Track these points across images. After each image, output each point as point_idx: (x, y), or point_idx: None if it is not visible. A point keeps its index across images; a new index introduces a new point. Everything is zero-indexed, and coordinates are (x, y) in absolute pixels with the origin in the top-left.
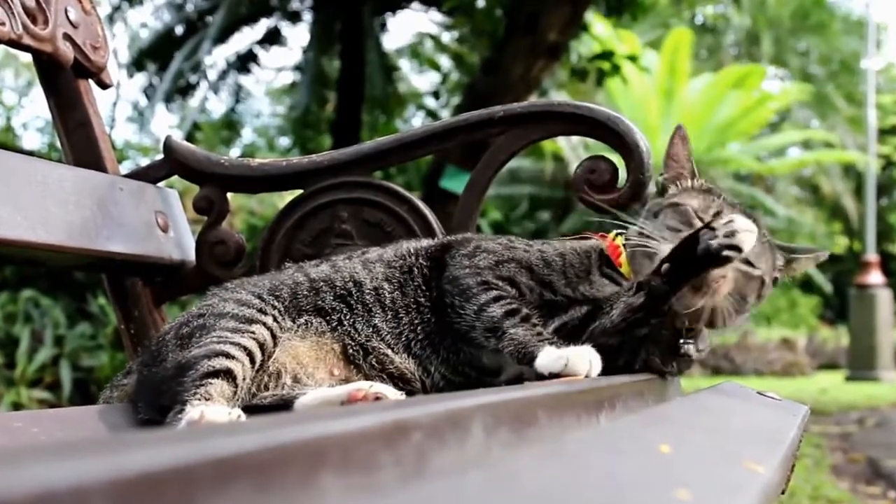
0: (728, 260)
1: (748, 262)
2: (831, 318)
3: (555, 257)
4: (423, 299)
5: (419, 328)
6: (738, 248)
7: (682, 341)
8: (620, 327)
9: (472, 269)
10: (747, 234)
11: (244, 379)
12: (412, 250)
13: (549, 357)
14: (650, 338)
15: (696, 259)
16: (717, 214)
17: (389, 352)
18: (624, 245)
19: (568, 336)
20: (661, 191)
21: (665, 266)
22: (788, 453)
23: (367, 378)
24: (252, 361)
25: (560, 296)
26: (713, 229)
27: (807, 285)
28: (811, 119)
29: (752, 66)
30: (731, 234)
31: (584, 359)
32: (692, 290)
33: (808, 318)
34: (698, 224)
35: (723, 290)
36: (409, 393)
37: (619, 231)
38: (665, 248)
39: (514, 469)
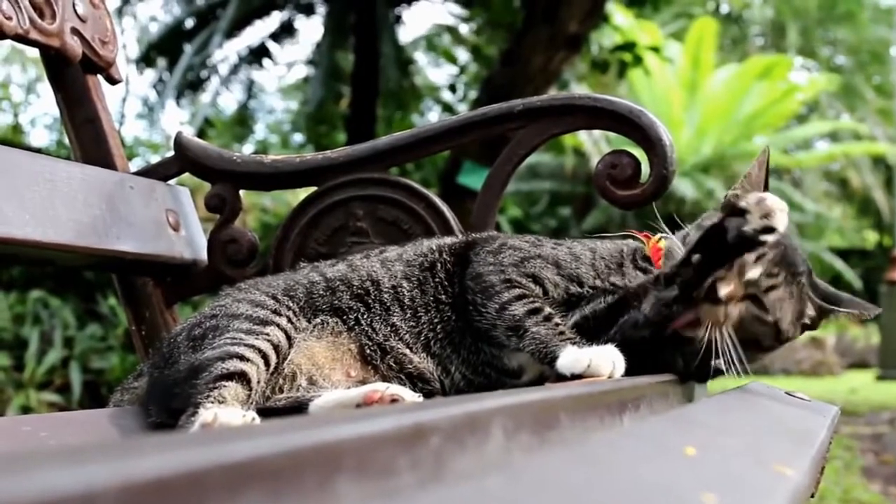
0: (762, 244)
1: (760, 305)
2: None
3: (584, 252)
4: (443, 296)
5: (439, 327)
6: (772, 230)
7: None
8: (655, 321)
9: (496, 267)
10: (781, 213)
11: (258, 382)
12: (435, 247)
13: (570, 357)
14: (681, 348)
15: (727, 245)
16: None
17: (408, 351)
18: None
19: (593, 328)
20: (725, 208)
21: (696, 256)
22: (818, 455)
23: (384, 379)
24: (266, 364)
25: (587, 288)
26: (743, 213)
27: (835, 282)
28: (840, 111)
29: (778, 56)
30: (766, 215)
31: (608, 359)
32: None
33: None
34: None
35: (730, 317)
36: (429, 394)
37: (664, 235)
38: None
39: (536, 473)
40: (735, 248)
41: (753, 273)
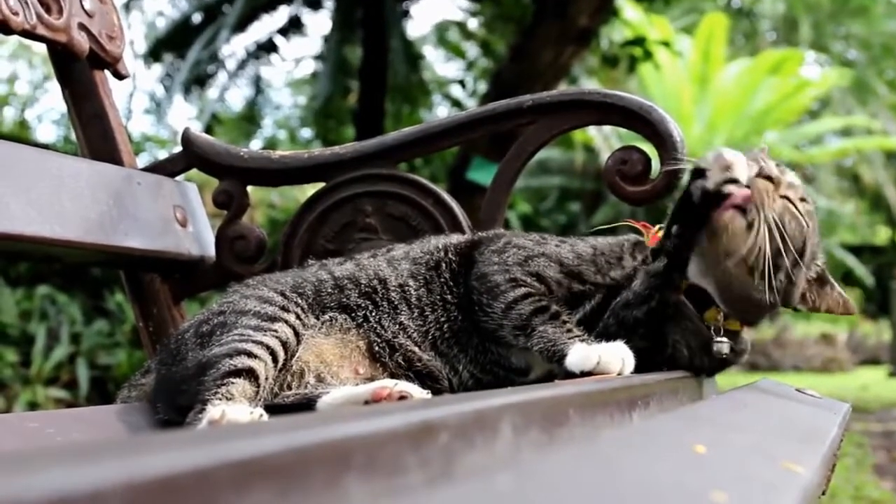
0: (726, 196)
1: (796, 209)
2: (873, 312)
3: (587, 248)
4: (449, 296)
5: (445, 326)
6: (734, 180)
7: (715, 339)
8: (644, 295)
9: (501, 266)
10: (739, 163)
11: (266, 379)
12: (440, 246)
13: (579, 354)
14: (682, 331)
15: (695, 207)
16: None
17: (416, 349)
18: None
19: (590, 320)
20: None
21: (675, 227)
22: (829, 453)
23: (392, 376)
24: (275, 361)
25: (589, 285)
26: (703, 173)
27: (847, 278)
28: (852, 106)
29: (789, 51)
30: (726, 167)
31: (617, 356)
32: (711, 236)
33: None
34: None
35: (776, 202)
36: (437, 392)
37: (663, 226)
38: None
39: (545, 470)
40: (704, 207)
41: (790, 177)
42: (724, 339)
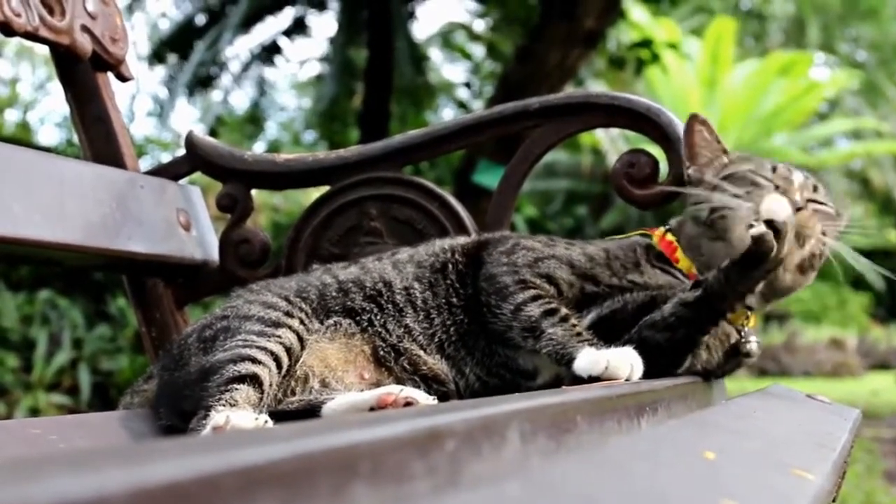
0: (771, 247)
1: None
2: (883, 317)
3: (598, 252)
4: (455, 299)
5: (452, 329)
6: (771, 222)
7: (745, 340)
8: (669, 322)
9: (510, 267)
10: (777, 203)
11: (270, 385)
12: (446, 247)
13: (588, 359)
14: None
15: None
16: (774, 169)
17: (422, 353)
18: (677, 238)
19: (618, 326)
20: (698, 182)
21: (726, 263)
22: (839, 459)
23: (398, 381)
24: (279, 367)
25: (604, 286)
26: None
27: (857, 282)
28: (861, 108)
29: (798, 53)
30: (766, 212)
31: (626, 361)
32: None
33: (858, 316)
34: (763, 182)
35: (813, 232)
36: (443, 395)
37: (667, 227)
38: (746, 206)
39: (553, 478)
40: (751, 257)
41: (798, 179)
42: (754, 339)
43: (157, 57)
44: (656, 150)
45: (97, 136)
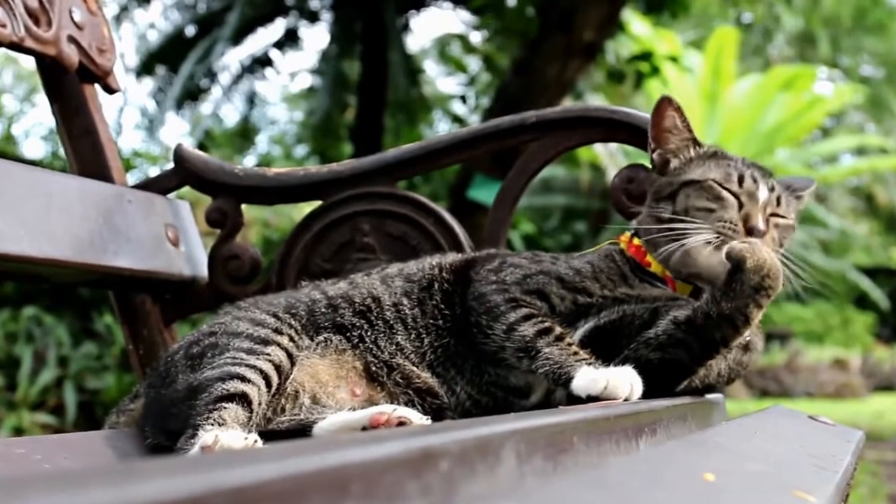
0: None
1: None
2: (887, 337)
3: (583, 265)
4: (441, 321)
5: (440, 350)
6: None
7: (748, 337)
8: (661, 341)
9: (499, 285)
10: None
11: (259, 403)
12: (434, 264)
13: (587, 378)
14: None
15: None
16: (741, 181)
17: (415, 368)
18: (645, 241)
19: (612, 341)
20: (661, 167)
21: (718, 291)
22: (842, 482)
23: (391, 397)
24: (268, 385)
25: (597, 297)
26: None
27: (861, 301)
28: (866, 123)
29: (801, 67)
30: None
31: (625, 381)
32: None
33: (862, 336)
34: (728, 197)
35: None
36: (439, 408)
37: (632, 231)
38: (702, 238)
39: (549, 499)
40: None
41: (763, 194)
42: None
43: (145, 69)
44: None
45: (84, 149)
